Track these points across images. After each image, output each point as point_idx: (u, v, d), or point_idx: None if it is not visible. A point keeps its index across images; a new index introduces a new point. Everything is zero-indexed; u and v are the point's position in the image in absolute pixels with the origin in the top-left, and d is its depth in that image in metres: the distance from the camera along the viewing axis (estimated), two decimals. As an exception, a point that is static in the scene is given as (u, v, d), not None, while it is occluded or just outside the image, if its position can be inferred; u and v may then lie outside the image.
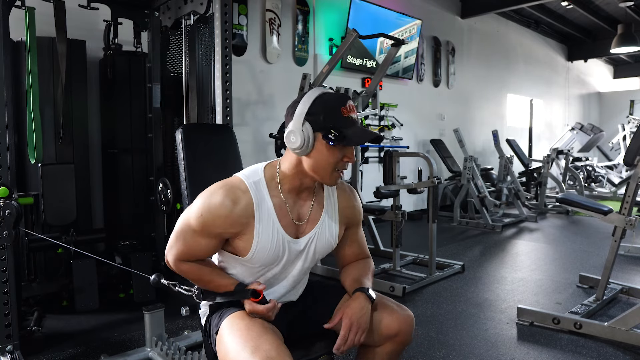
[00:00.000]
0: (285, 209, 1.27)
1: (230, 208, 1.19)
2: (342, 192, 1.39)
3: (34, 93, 2.15)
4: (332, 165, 1.21)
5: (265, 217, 1.23)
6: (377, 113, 5.34)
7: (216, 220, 1.19)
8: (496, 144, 6.49)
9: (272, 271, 1.30)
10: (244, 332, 1.15)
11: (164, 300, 2.30)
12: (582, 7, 8.10)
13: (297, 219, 1.30)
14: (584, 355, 2.24)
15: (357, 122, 1.21)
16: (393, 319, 1.29)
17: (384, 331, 1.30)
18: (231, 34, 2.35)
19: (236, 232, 1.22)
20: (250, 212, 1.21)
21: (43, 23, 2.47)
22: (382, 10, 5.84)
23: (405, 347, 1.36)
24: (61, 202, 2.58)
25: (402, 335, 1.31)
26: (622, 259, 4.00)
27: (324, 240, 1.33)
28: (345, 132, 1.17)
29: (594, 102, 12.49)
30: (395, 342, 1.32)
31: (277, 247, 1.25)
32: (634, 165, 2.62)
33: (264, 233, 1.23)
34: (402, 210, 3.45)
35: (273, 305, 1.21)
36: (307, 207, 1.31)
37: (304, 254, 1.32)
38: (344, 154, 1.21)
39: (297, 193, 1.29)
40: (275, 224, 1.24)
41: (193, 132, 1.87)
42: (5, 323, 1.94)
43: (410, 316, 1.33)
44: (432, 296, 3.12)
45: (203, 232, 1.21)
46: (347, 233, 1.41)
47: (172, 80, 3.20)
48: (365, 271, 1.40)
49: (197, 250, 1.24)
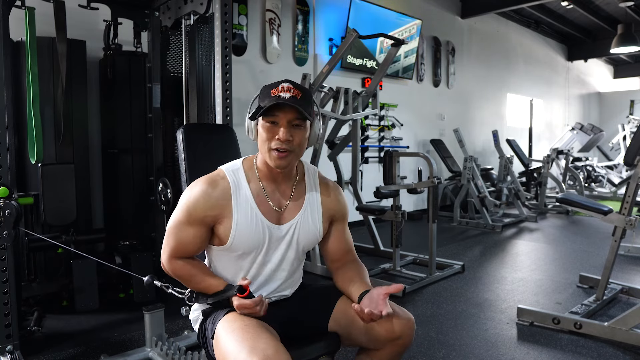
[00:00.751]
0: (263, 195, 1.31)
1: (209, 192, 1.26)
2: (325, 187, 1.41)
3: (34, 93, 2.15)
4: (266, 144, 1.25)
5: (243, 201, 1.28)
6: (377, 113, 5.35)
7: (197, 205, 1.25)
8: (496, 144, 6.49)
9: (257, 260, 1.31)
10: (240, 334, 1.15)
11: (164, 300, 2.29)
12: (582, 7, 8.10)
13: (277, 207, 1.32)
14: (584, 355, 2.24)
15: (285, 97, 1.20)
16: (395, 323, 1.29)
17: (386, 334, 1.29)
18: (231, 34, 2.35)
19: (216, 214, 1.26)
20: (227, 194, 1.27)
21: (43, 23, 2.47)
22: (382, 10, 5.84)
23: (406, 349, 1.36)
24: (61, 202, 2.58)
25: (403, 338, 1.31)
26: (622, 259, 4.00)
27: (307, 229, 1.35)
28: (263, 103, 1.22)
29: (594, 102, 12.49)
30: (397, 345, 1.32)
31: (256, 231, 1.28)
32: (634, 165, 2.62)
33: (242, 216, 1.27)
34: (402, 210, 3.45)
35: (260, 299, 1.21)
36: (286, 196, 1.34)
37: (286, 240, 1.33)
38: (274, 132, 1.23)
39: (274, 181, 1.33)
40: (254, 209, 1.28)
41: (194, 132, 1.87)
42: (5, 323, 1.94)
43: (412, 320, 1.33)
44: (432, 296, 3.12)
45: (189, 220, 1.26)
46: (332, 228, 1.43)
47: (172, 80, 3.19)
48: (364, 273, 1.40)
49: (187, 242, 1.27)
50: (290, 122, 1.23)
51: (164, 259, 1.31)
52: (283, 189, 1.34)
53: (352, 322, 1.32)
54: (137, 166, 3.22)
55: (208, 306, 1.32)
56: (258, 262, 1.32)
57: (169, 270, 1.31)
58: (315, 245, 1.43)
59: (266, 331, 1.16)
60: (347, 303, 1.34)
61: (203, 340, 1.33)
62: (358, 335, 1.33)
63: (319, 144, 3.86)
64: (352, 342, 1.37)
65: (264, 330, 1.17)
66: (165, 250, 1.30)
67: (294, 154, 1.26)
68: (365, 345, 1.35)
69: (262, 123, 1.24)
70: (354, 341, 1.36)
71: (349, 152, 4.31)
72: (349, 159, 4.28)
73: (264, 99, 1.23)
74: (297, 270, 1.42)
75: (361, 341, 1.34)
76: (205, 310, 1.34)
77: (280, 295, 1.38)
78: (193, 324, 1.40)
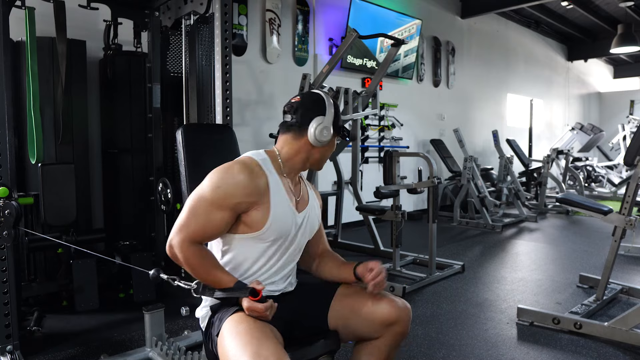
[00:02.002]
0: (288, 185, 1.39)
1: (250, 177, 1.28)
2: (312, 187, 1.55)
3: (34, 93, 2.15)
4: (326, 157, 1.44)
5: (277, 190, 1.34)
6: (377, 113, 5.36)
7: (236, 190, 1.26)
8: (496, 144, 6.49)
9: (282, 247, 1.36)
10: (244, 337, 1.15)
11: (164, 300, 2.30)
12: (582, 7, 8.10)
13: (297, 197, 1.42)
14: (584, 355, 2.24)
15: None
16: (391, 307, 1.35)
17: (383, 318, 1.34)
18: (231, 34, 2.35)
19: (253, 201, 1.28)
20: (265, 183, 1.31)
21: (43, 23, 2.47)
22: (382, 10, 5.84)
23: (403, 339, 1.40)
24: (61, 202, 2.58)
25: (400, 324, 1.35)
26: (622, 259, 4.00)
27: (313, 219, 1.46)
28: (341, 124, 1.43)
29: (594, 102, 12.49)
30: (393, 333, 1.36)
31: (289, 218, 1.36)
32: (634, 165, 2.62)
33: (278, 203, 1.32)
34: (402, 210, 3.45)
35: (270, 304, 1.22)
36: (298, 188, 1.45)
37: (302, 228, 1.41)
38: (332, 147, 1.44)
39: (293, 176, 1.43)
40: (285, 197, 1.36)
41: (193, 132, 1.87)
42: (5, 323, 1.94)
43: (408, 307, 1.40)
44: (432, 296, 3.12)
45: (221, 204, 1.25)
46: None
47: (172, 80, 3.19)
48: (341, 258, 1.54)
49: (210, 227, 1.26)
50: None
51: (177, 241, 1.24)
52: (295, 181, 1.45)
53: (351, 311, 1.38)
54: (137, 166, 3.22)
55: (216, 302, 1.32)
56: (282, 249, 1.37)
57: (180, 254, 1.25)
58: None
59: (271, 336, 1.16)
60: (344, 294, 1.42)
61: (208, 336, 1.33)
62: (357, 324, 1.37)
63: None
64: (352, 333, 1.40)
65: (269, 335, 1.16)
66: (182, 233, 1.24)
67: None
68: (364, 334, 1.38)
69: (333, 139, 1.41)
70: (353, 332, 1.40)
71: (349, 152, 4.31)
72: (349, 159, 4.29)
73: (340, 118, 1.42)
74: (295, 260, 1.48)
75: (361, 330, 1.38)
76: (214, 306, 1.34)
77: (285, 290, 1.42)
78: (201, 320, 1.40)
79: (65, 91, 2.74)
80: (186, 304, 2.03)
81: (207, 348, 1.36)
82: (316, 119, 1.35)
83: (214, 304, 1.34)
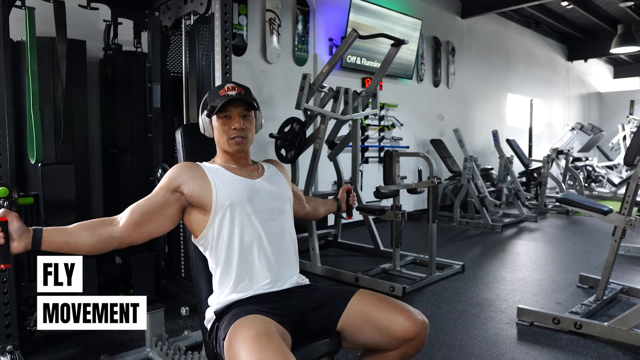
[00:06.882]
0: (232, 168, 1.48)
1: (189, 167, 1.44)
2: (275, 163, 1.66)
3: (34, 93, 2.15)
4: (224, 135, 1.46)
5: (216, 171, 1.44)
6: (377, 113, 5.35)
7: (178, 175, 1.40)
8: (496, 144, 6.49)
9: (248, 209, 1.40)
10: (251, 343, 1.14)
11: (164, 300, 2.30)
12: (582, 7, 8.10)
13: (247, 176, 1.49)
14: (584, 355, 2.24)
15: (233, 95, 1.43)
16: (411, 323, 1.30)
17: (402, 334, 1.30)
18: (231, 34, 2.35)
19: (193, 177, 1.40)
20: (202, 170, 1.43)
21: (43, 23, 2.47)
22: (382, 10, 5.84)
23: (417, 353, 1.35)
24: (61, 202, 2.58)
25: (418, 339, 1.31)
26: (622, 259, 4.00)
27: (276, 182, 1.53)
28: (215, 103, 1.45)
29: (594, 102, 12.50)
30: (410, 347, 1.32)
31: (234, 182, 1.43)
32: (634, 165, 2.62)
33: (219, 177, 1.42)
34: (402, 210, 3.44)
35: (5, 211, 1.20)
36: (251, 168, 1.53)
37: (264, 191, 1.46)
38: (229, 124, 1.46)
39: (234, 162, 1.50)
40: (227, 172, 1.45)
41: (193, 132, 1.87)
42: (5, 323, 1.95)
43: (426, 322, 1.35)
44: (432, 296, 3.12)
45: (166, 186, 1.39)
46: (296, 192, 1.69)
47: (172, 80, 3.19)
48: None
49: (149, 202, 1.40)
50: (241, 113, 1.46)
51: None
52: (243, 167, 1.52)
53: (367, 321, 1.33)
54: (137, 166, 3.21)
55: (220, 307, 1.35)
56: (254, 214, 1.40)
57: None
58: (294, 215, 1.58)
59: (277, 342, 1.15)
60: (362, 302, 1.36)
61: (213, 340, 1.34)
62: (372, 334, 1.33)
63: (319, 144, 3.86)
64: (364, 341, 1.36)
65: (275, 341, 1.15)
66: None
67: (247, 140, 1.50)
68: (378, 345, 1.34)
69: (217, 118, 1.46)
70: (366, 340, 1.35)
71: (349, 152, 4.31)
72: (349, 159, 4.28)
73: (214, 99, 1.46)
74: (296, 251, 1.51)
75: (374, 341, 1.34)
76: (217, 310, 1.35)
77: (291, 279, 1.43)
78: (206, 323, 1.41)
79: (65, 91, 2.73)
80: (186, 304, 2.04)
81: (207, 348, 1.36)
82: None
83: (217, 309, 1.35)
